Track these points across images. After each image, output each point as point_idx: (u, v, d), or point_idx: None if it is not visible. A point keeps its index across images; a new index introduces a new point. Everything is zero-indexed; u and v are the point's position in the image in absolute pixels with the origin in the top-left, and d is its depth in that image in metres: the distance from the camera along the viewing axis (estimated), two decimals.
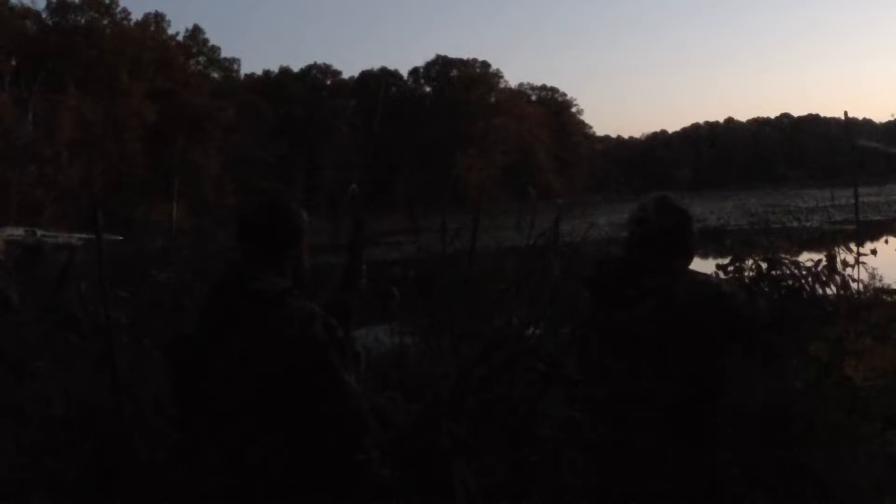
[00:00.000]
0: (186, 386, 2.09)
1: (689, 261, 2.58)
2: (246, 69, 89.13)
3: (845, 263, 4.03)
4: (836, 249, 4.06)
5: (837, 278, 3.98)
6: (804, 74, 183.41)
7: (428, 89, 76.68)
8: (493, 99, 76.64)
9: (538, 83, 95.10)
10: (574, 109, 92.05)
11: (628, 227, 2.63)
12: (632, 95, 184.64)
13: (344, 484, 1.98)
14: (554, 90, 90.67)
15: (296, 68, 75.16)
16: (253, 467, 1.94)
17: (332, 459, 1.97)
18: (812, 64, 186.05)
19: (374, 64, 75.13)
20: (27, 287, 4.70)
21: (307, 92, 70.89)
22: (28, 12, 52.50)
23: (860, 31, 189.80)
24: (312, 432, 1.95)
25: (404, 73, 78.33)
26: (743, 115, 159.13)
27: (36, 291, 4.98)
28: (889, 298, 4.25)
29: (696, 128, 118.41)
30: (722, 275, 4.16)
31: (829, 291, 4.00)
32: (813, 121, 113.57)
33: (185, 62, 61.92)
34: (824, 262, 4.00)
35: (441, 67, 77.03)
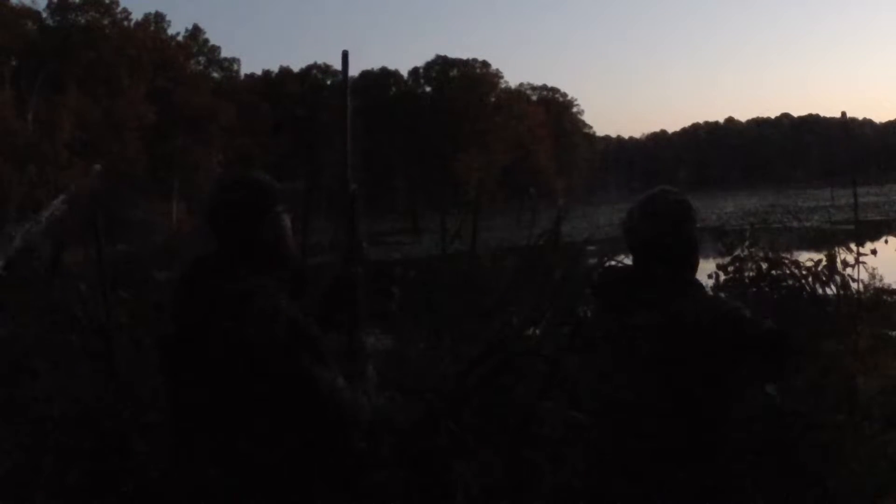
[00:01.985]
0: (173, 386, 2.04)
1: (692, 270, 2.42)
2: (246, 69, 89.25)
3: (845, 263, 4.03)
4: (836, 249, 4.06)
5: (837, 278, 3.98)
6: (804, 74, 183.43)
7: (428, 89, 76.63)
8: (493, 99, 76.59)
9: (538, 83, 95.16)
10: (574, 109, 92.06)
11: (623, 234, 2.47)
12: (632, 95, 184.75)
13: (337, 480, 1.95)
14: (554, 90, 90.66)
15: (296, 68, 75.24)
16: (236, 467, 1.90)
17: (322, 456, 1.93)
18: (812, 64, 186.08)
19: (375, 64, 74.97)
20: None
21: (307, 92, 70.86)
22: (28, 12, 52.49)
23: (860, 30, 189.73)
24: (295, 431, 1.89)
25: (404, 73, 78.45)
26: (743, 115, 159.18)
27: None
28: (889, 298, 4.25)
29: (696, 128, 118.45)
30: (722, 275, 4.17)
31: (829, 291, 4.01)
32: (813, 121, 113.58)
33: (185, 62, 61.87)
34: (824, 262, 4.00)
35: (441, 67, 76.96)
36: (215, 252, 2.04)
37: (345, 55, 2.24)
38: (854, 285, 4.10)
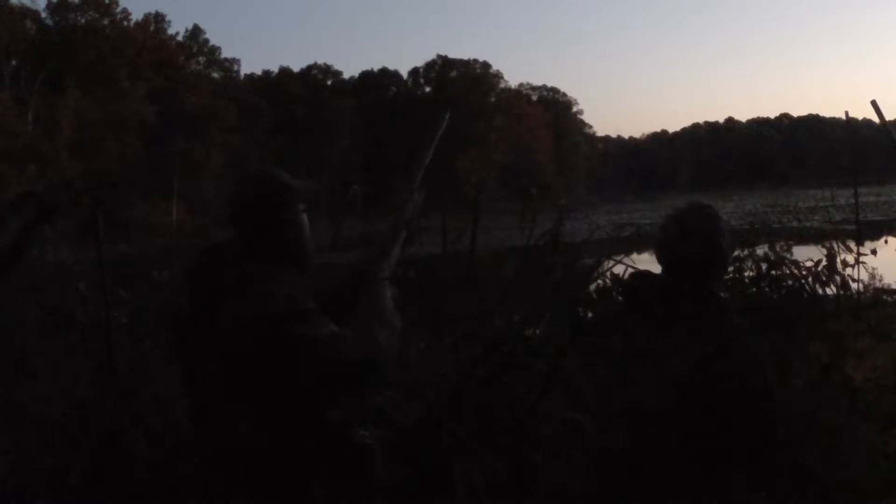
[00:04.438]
0: (185, 366, 2.10)
1: (720, 282, 2.42)
2: (246, 69, 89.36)
3: (845, 263, 4.03)
4: (836, 249, 4.06)
5: (837, 278, 3.98)
6: (804, 74, 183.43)
7: (428, 89, 76.61)
8: (493, 99, 76.57)
9: (538, 83, 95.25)
10: (574, 109, 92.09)
11: (654, 249, 2.44)
12: (632, 95, 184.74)
13: (339, 468, 1.98)
14: (554, 90, 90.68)
15: (296, 68, 75.26)
16: (237, 449, 1.94)
17: (327, 438, 1.96)
18: (812, 64, 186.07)
19: (374, 64, 75.25)
20: None
21: (307, 92, 70.85)
22: (28, 12, 52.52)
23: (860, 30, 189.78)
24: (297, 409, 1.93)
25: (404, 73, 78.45)
26: (743, 115, 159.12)
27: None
28: (889, 298, 4.26)
29: (696, 128, 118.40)
30: None
31: (829, 291, 4.01)
32: (813, 121, 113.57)
33: (185, 62, 61.89)
34: (824, 262, 4.00)
35: (441, 67, 76.98)
36: (224, 242, 2.09)
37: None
38: (854, 285, 4.10)
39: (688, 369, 2.22)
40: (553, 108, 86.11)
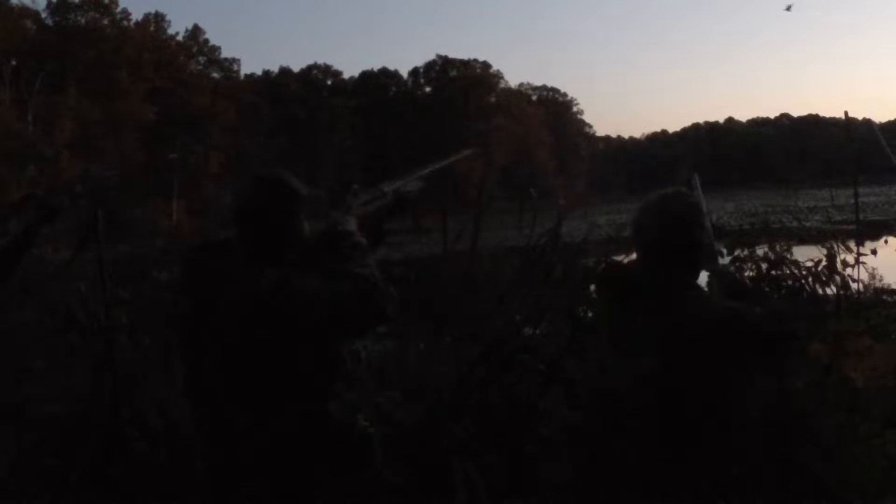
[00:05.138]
0: (191, 356, 2.14)
1: (695, 273, 2.39)
2: (246, 69, 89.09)
3: (845, 263, 4.03)
4: (836, 249, 4.06)
5: (837, 278, 3.98)
6: (804, 74, 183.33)
7: (428, 89, 76.60)
8: (493, 99, 76.57)
9: (538, 83, 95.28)
10: (574, 109, 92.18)
11: (632, 233, 2.41)
12: (632, 95, 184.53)
13: (340, 464, 2.00)
14: (554, 90, 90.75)
15: (296, 68, 75.19)
16: (242, 438, 1.98)
17: (328, 428, 1.99)
18: (811, 64, 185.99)
19: (374, 64, 75.17)
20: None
21: (307, 92, 70.82)
22: (28, 12, 52.51)
23: (860, 30, 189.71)
24: (298, 396, 1.97)
25: (404, 73, 78.43)
26: (743, 115, 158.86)
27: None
28: (889, 298, 4.26)
29: (696, 128, 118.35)
30: None
31: (829, 291, 4.01)
32: (813, 121, 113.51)
33: (185, 62, 61.87)
34: (824, 262, 4.00)
35: (441, 67, 76.95)
36: (225, 239, 2.15)
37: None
38: (854, 285, 4.10)
39: (654, 350, 2.20)
40: (553, 108, 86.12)
